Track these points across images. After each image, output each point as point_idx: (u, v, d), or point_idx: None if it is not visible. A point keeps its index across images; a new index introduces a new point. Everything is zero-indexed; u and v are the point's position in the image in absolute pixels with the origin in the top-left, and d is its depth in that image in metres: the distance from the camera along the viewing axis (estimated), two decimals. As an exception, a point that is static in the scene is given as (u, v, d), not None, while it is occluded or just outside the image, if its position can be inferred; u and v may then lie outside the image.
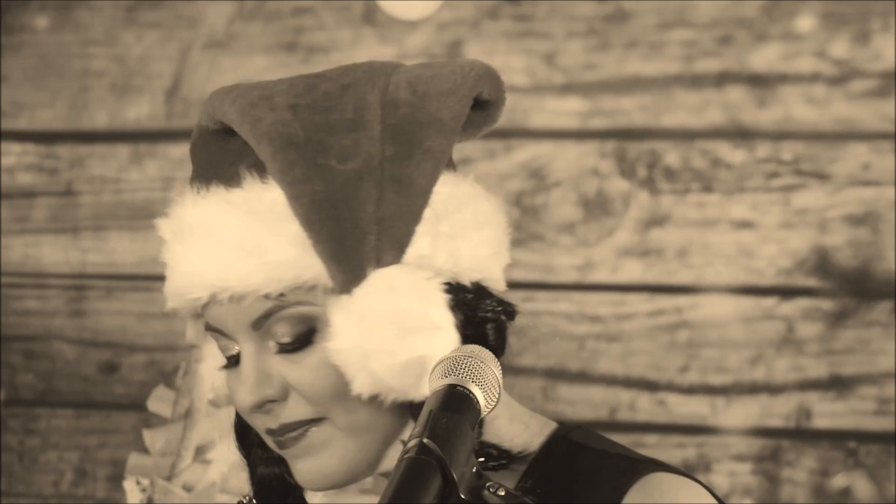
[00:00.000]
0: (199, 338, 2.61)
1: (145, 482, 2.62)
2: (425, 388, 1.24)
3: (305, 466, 1.32)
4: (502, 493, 1.16)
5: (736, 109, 2.68)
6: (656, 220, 2.72)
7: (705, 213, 2.70)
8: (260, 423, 1.32)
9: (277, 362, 1.30)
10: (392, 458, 1.33)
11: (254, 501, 1.42)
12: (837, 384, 2.65)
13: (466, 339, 1.28)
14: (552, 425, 1.37)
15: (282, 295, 1.27)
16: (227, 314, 1.29)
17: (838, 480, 2.65)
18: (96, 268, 2.99)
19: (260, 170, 1.28)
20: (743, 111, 2.68)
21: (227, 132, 1.31)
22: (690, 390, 2.71)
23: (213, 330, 1.33)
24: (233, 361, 1.33)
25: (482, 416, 1.21)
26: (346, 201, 1.26)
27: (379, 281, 1.27)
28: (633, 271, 2.73)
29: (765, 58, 2.67)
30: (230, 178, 1.29)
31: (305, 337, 1.29)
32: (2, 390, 3.06)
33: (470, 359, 1.23)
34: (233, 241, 1.27)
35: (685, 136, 2.71)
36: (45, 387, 3.04)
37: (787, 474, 2.68)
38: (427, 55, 2.77)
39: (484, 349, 1.25)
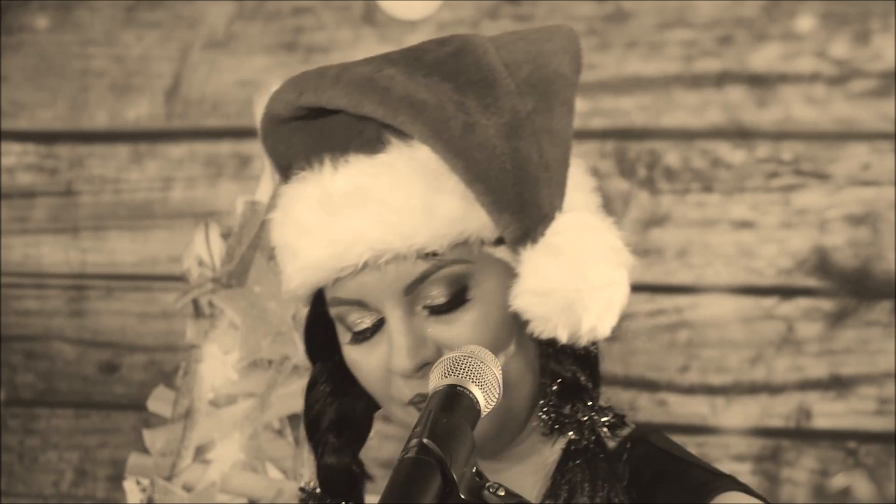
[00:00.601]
0: (199, 338, 2.61)
1: (145, 482, 2.62)
2: (609, 328, 1.29)
3: None
4: (502, 493, 1.16)
5: (736, 109, 2.68)
6: (656, 220, 2.72)
7: (705, 213, 2.70)
8: (407, 392, 1.31)
9: (430, 325, 1.30)
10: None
11: (317, 490, 1.42)
12: (837, 384, 2.65)
13: None
14: (630, 426, 1.38)
15: (438, 254, 1.27)
16: (377, 281, 1.28)
17: (838, 480, 2.65)
18: (96, 268, 2.99)
19: (397, 134, 1.27)
20: (743, 111, 2.68)
21: (318, 114, 1.30)
22: (690, 390, 2.71)
23: (347, 304, 1.31)
24: (364, 335, 1.32)
25: (482, 415, 1.22)
26: (510, 153, 1.27)
27: (574, 223, 1.29)
28: (632, 271, 2.72)
29: (765, 58, 2.67)
30: (365, 146, 1.28)
31: (459, 296, 1.29)
32: (2, 390, 3.06)
33: (470, 359, 1.23)
34: (396, 201, 1.26)
35: (685, 136, 2.71)
36: (45, 387, 3.04)
37: (787, 474, 2.67)
38: (427, 55, 2.77)
39: (484, 349, 1.25)
